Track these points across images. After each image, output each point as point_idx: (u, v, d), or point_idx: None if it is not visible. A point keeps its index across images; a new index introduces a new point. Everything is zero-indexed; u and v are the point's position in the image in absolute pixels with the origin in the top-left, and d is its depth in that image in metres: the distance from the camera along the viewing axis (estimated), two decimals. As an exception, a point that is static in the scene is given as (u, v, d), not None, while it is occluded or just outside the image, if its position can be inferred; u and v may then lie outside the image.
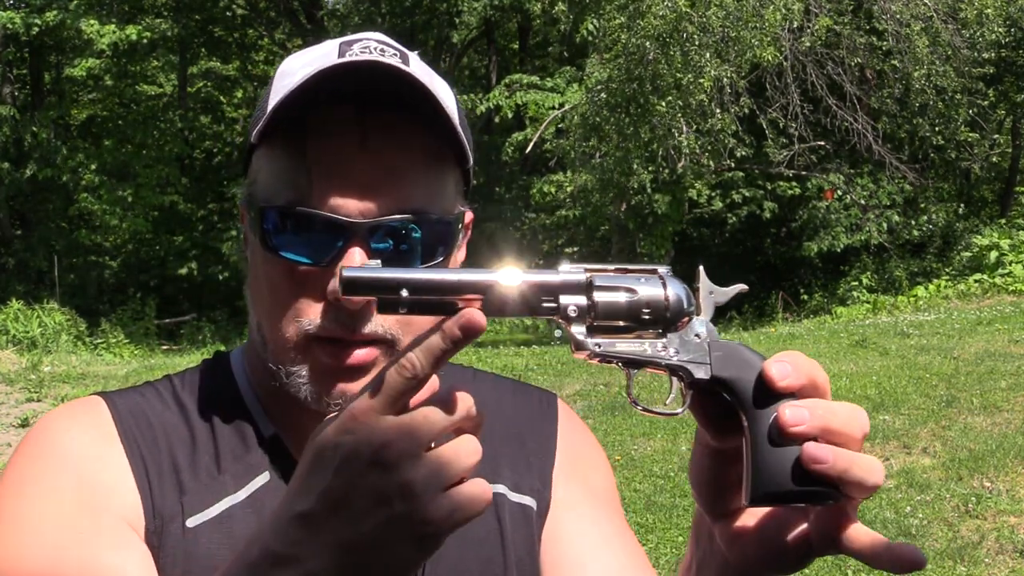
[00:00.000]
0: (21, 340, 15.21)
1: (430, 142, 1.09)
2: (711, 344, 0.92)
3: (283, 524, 0.84)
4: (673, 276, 0.92)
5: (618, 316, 0.89)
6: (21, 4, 23.00)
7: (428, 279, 0.84)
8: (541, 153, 21.82)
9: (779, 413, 0.88)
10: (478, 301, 0.84)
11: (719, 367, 0.91)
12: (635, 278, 0.91)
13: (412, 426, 0.81)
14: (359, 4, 26.96)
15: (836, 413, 0.89)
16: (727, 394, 0.91)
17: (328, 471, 0.82)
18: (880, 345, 11.27)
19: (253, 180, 1.12)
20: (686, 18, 16.14)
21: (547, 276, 0.88)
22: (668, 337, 0.91)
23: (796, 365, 0.89)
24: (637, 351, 0.90)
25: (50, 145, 23.71)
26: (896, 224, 21.26)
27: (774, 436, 0.88)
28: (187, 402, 1.18)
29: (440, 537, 0.82)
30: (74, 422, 1.13)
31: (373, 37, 1.13)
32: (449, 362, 1.32)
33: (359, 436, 0.81)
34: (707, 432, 0.95)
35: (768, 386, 0.89)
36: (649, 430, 8.31)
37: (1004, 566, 5.66)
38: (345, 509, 0.81)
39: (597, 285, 0.89)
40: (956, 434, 7.73)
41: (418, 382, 0.82)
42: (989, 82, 21.22)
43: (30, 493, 1.07)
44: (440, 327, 0.82)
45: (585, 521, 1.23)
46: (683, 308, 0.91)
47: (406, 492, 0.80)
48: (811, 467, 0.87)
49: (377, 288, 0.84)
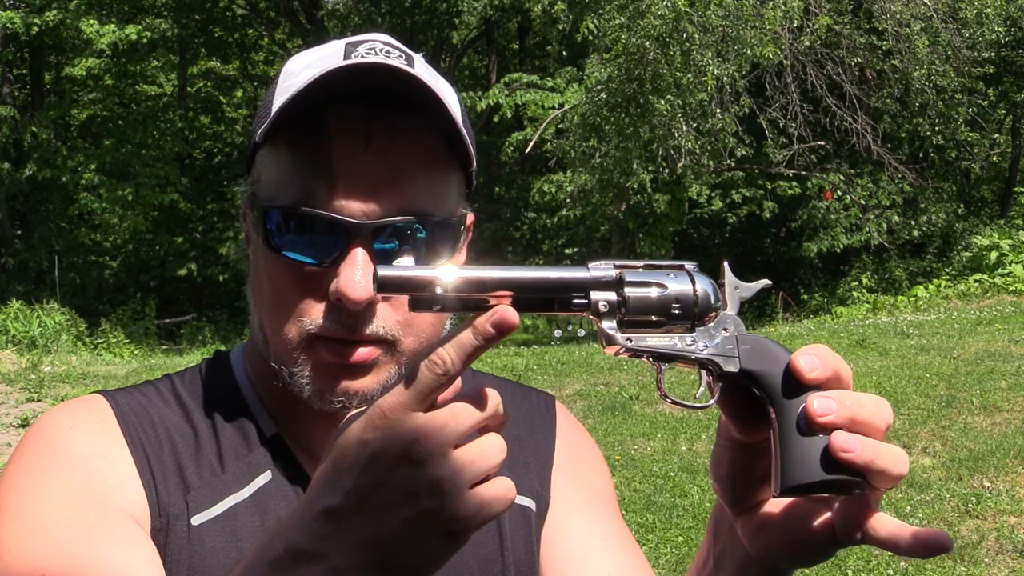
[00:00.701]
0: (21, 340, 15.20)
1: (435, 144, 1.09)
2: (739, 338, 0.93)
3: (308, 520, 0.84)
4: (700, 271, 0.94)
5: (649, 311, 0.90)
6: (21, 4, 22.99)
7: (460, 277, 0.85)
8: (541, 153, 21.82)
9: (807, 403, 0.89)
10: (509, 298, 0.85)
11: (748, 360, 0.92)
12: (664, 274, 0.92)
13: (441, 423, 0.81)
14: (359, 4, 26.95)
15: (863, 404, 0.90)
16: (755, 387, 0.93)
17: (356, 467, 0.82)
18: (880, 345, 11.27)
19: (256, 179, 1.12)
20: (686, 17, 16.14)
21: (577, 273, 0.89)
22: (697, 332, 0.92)
23: (823, 358, 0.91)
24: (668, 345, 0.92)
25: (50, 145, 23.70)
26: (896, 224, 21.27)
27: (802, 426, 0.90)
28: (188, 401, 1.18)
29: (467, 534, 0.82)
30: (77, 419, 1.13)
31: (379, 39, 1.13)
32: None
33: (389, 432, 0.81)
34: (733, 425, 0.97)
35: (796, 378, 0.90)
36: (649, 430, 8.32)
37: (1004, 566, 5.67)
38: (373, 505, 0.81)
39: (627, 281, 0.90)
40: (956, 434, 7.73)
41: (449, 378, 0.82)
42: (989, 82, 21.23)
43: (36, 490, 1.06)
44: (472, 323, 0.82)
45: (584, 522, 1.23)
46: (711, 303, 0.92)
47: (435, 488, 0.80)
48: (840, 455, 0.88)
49: (411, 286, 0.85)
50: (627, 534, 1.27)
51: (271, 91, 1.14)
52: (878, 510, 0.92)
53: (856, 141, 18.37)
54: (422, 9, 26.16)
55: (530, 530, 1.21)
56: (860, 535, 0.92)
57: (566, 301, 0.88)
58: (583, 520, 1.23)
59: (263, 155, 1.11)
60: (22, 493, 1.07)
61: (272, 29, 28.45)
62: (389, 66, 1.04)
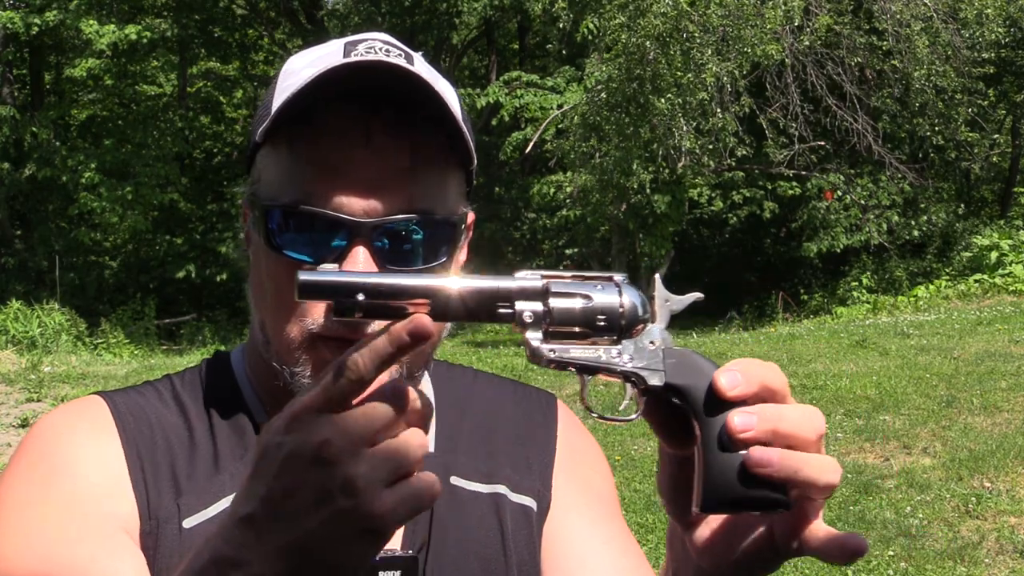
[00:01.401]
0: (21, 340, 15.21)
1: (435, 142, 1.09)
2: (665, 351, 0.92)
3: (230, 527, 0.84)
4: (629, 284, 0.93)
5: (573, 322, 0.89)
6: (21, 4, 22.99)
7: (383, 283, 0.85)
8: (541, 153, 21.82)
9: (727, 419, 0.89)
10: (429, 306, 0.85)
11: (673, 374, 0.92)
12: (591, 285, 0.91)
13: (351, 422, 0.81)
14: (359, 4, 26.93)
15: (786, 416, 0.89)
16: (681, 401, 0.92)
17: (270, 472, 0.82)
18: (880, 345, 11.27)
19: (256, 179, 1.12)
20: (686, 16, 16.14)
21: (503, 282, 0.88)
22: (623, 344, 0.91)
23: (747, 373, 0.90)
24: (592, 357, 0.91)
25: (50, 145, 23.69)
26: (896, 224, 21.26)
27: (724, 442, 0.89)
28: (187, 402, 1.18)
29: (387, 531, 0.81)
30: (73, 423, 1.14)
31: (378, 37, 1.13)
32: (449, 363, 1.33)
33: (299, 435, 0.81)
34: (661, 439, 0.96)
35: (718, 396, 0.90)
36: (649, 430, 8.26)
37: (1004, 566, 5.67)
38: (289, 509, 0.81)
39: (553, 291, 0.89)
40: (956, 434, 7.73)
41: (361, 384, 0.81)
42: (989, 82, 21.23)
43: (24, 501, 1.07)
44: (388, 330, 0.82)
45: (585, 522, 1.23)
46: (638, 315, 0.91)
47: (348, 488, 0.79)
48: (756, 471, 0.87)
49: (332, 292, 0.84)
50: (628, 535, 1.26)
51: (271, 90, 1.14)
52: (815, 520, 0.91)
53: (856, 141, 18.37)
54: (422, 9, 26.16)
55: (532, 530, 1.21)
56: (797, 545, 0.91)
57: (491, 311, 0.88)
58: (584, 521, 1.23)
59: (263, 155, 1.11)
60: (11, 503, 1.08)
61: (272, 29, 28.44)
62: (389, 64, 1.04)
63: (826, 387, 9.25)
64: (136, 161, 23.63)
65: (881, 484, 6.90)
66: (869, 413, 8.42)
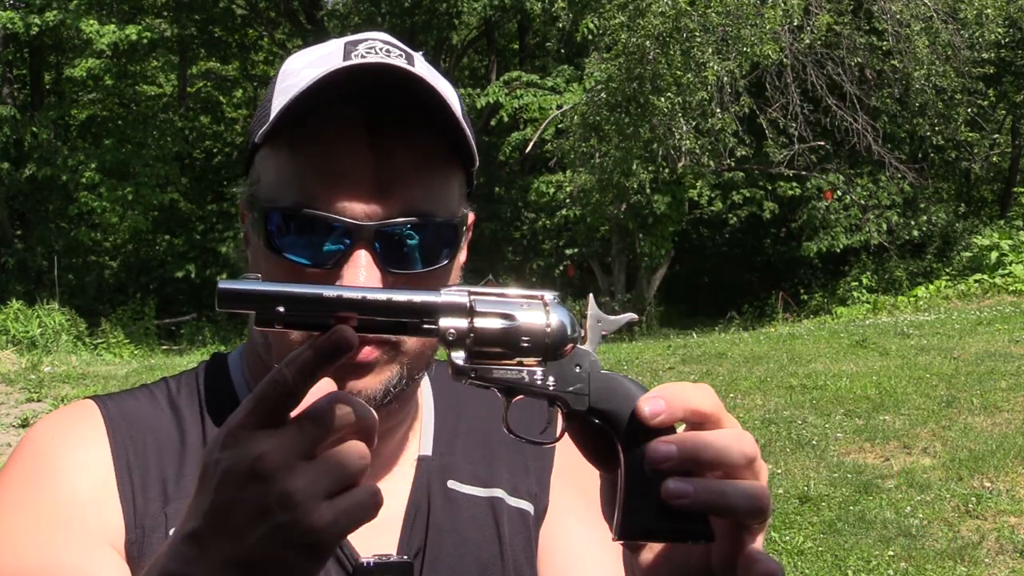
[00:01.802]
0: (21, 340, 15.20)
1: (436, 144, 1.08)
2: (592, 375, 0.90)
3: (176, 543, 0.84)
4: (559, 303, 0.90)
5: (496, 343, 0.87)
6: (21, 4, 22.99)
7: (303, 294, 0.83)
8: (541, 153, 21.81)
9: (647, 449, 0.86)
10: (352, 319, 0.83)
11: (598, 399, 0.89)
12: (517, 304, 0.88)
13: (285, 437, 0.80)
14: (359, 4, 26.92)
15: (710, 445, 0.86)
16: (606, 425, 0.90)
17: (210, 488, 0.82)
18: (880, 345, 11.26)
19: (256, 180, 1.11)
20: (686, 15, 16.14)
21: (428, 296, 0.86)
22: (548, 365, 0.89)
23: (672, 399, 0.88)
24: (514, 379, 0.89)
25: (50, 145, 23.69)
26: (896, 224, 21.27)
27: (646, 471, 0.87)
28: (181, 406, 1.18)
29: (329, 544, 0.81)
30: (64, 430, 1.14)
31: (378, 38, 1.13)
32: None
33: (235, 451, 0.81)
34: (590, 462, 0.94)
35: (641, 423, 0.88)
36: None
37: (1004, 566, 5.67)
38: (229, 525, 0.81)
39: (478, 310, 0.87)
40: (956, 434, 7.73)
41: (290, 396, 0.81)
42: (989, 82, 21.22)
43: (11, 506, 1.08)
44: (311, 342, 0.81)
45: (583, 525, 1.23)
46: (566, 336, 0.89)
47: (285, 502, 0.79)
48: (672, 502, 0.85)
49: (252, 302, 0.83)
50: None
51: (270, 91, 1.14)
52: (750, 544, 0.89)
53: (856, 141, 18.37)
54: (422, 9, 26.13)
55: (529, 534, 1.21)
56: (731, 571, 0.89)
57: (415, 325, 0.86)
58: (582, 526, 1.23)
59: (263, 156, 1.10)
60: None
61: (272, 29, 28.42)
62: (390, 65, 1.04)
63: (826, 387, 9.25)
64: (136, 161, 23.63)
65: (881, 484, 6.90)
66: (869, 413, 8.42)
